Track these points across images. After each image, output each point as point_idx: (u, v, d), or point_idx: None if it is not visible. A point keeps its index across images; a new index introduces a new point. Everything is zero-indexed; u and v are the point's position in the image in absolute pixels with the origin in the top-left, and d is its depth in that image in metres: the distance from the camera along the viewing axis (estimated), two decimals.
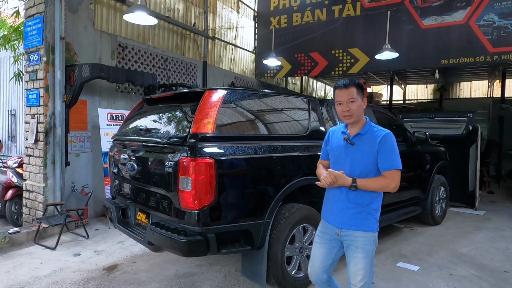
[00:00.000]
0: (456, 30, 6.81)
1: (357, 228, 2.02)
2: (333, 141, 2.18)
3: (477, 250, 4.28)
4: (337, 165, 2.10)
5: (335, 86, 2.09)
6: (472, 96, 14.35)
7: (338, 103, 2.06)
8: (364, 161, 2.02)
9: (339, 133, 2.16)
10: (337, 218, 2.09)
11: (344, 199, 2.05)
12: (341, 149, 2.11)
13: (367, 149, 2.02)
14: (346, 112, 2.03)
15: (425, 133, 4.80)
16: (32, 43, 4.97)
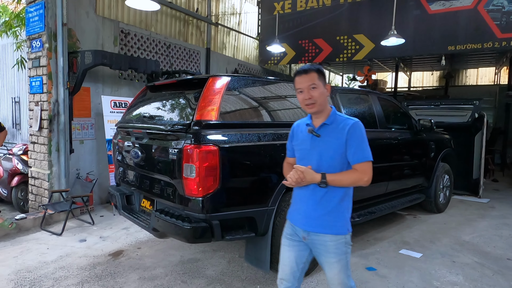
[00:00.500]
0: (464, 15, 6.67)
1: (325, 231, 1.81)
2: (298, 135, 1.96)
3: (480, 237, 4.29)
4: (304, 161, 1.87)
5: (294, 73, 1.88)
6: (479, 83, 14.17)
7: (299, 91, 1.84)
8: (332, 154, 1.82)
9: (303, 126, 1.93)
10: (304, 220, 1.86)
11: (311, 199, 1.84)
12: (306, 143, 1.89)
13: (334, 141, 1.82)
14: (308, 100, 1.81)
15: (430, 120, 4.76)
16: (34, 30, 4.94)
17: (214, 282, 3.05)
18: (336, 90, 3.73)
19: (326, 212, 1.82)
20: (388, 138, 4.17)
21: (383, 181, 4.10)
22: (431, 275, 3.26)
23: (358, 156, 1.80)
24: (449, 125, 6.26)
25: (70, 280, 3.06)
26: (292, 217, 1.96)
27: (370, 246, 3.95)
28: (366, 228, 4.49)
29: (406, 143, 4.48)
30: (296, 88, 1.86)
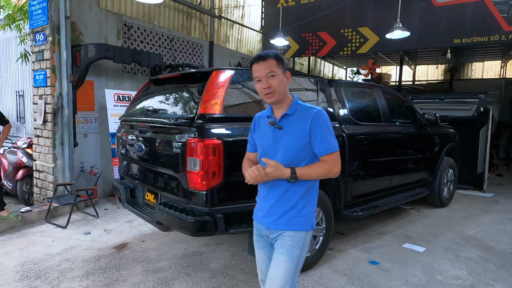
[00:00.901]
0: (470, 7, 6.57)
1: (286, 227, 1.69)
2: (259, 128, 1.81)
3: (484, 232, 4.28)
4: (267, 156, 1.70)
5: (252, 61, 1.72)
6: (484, 76, 14.03)
7: (257, 79, 1.68)
8: (296, 146, 1.67)
9: (265, 119, 1.78)
10: (266, 218, 1.74)
11: (274, 194, 1.71)
12: (268, 137, 1.73)
13: (298, 132, 1.67)
14: (267, 90, 1.65)
15: (435, 114, 4.72)
16: (38, 23, 4.93)
17: (218, 275, 3.07)
18: (340, 84, 3.70)
19: (289, 208, 1.69)
20: (392, 132, 4.15)
21: (386, 175, 4.09)
22: (435, 269, 3.26)
23: (324, 147, 1.66)
24: (454, 119, 6.21)
25: (75, 272, 3.09)
26: (255, 215, 1.84)
27: (374, 240, 3.95)
28: (370, 222, 4.49)
29: (410, 137, 4.45)
30: (254, 77, 1.69)
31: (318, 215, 3.17)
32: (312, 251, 3.16)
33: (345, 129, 3.44)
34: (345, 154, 3.39)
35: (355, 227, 4.32)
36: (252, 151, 1.90)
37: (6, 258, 3.36)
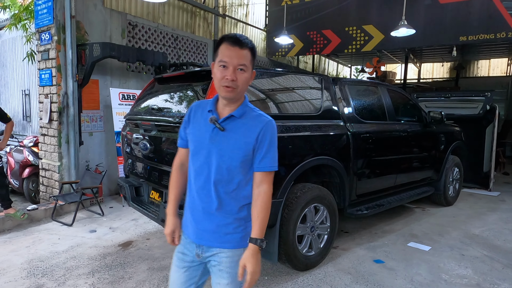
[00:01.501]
0: (476, 4, 6.51)
1: (222, 246, 1.45)
2: (195, 121, 1.49)
3: (490, 231, 4.25)
4: (197, 157, 1.46)
5: (223, 38, 1.40)
6: (490, 74, 13.90)
7: (222, 64, 1.37)
8: (235, 154, 1.42)
9: (205, 112, 1.47)
10: (199, 232, 1.47)
11: (209, 204, 1.44)
12: (205, 135, 1.44)
13: (241, 139, 1.42)
14: (230, 83, 1.37)
15: (440, 112, 4.69)
16: (43, 22, 4.96)
17: None
18: (344, 82, 3.69)
19: (226, 223, 1.45)
20: (397, 131, 4.13)
21: (391, 173, 4.07)
22: (440, 268, 3.24)
23: (269, 163, 1.45)
24: (459, 117, 6.17)
25: (81, 269, 3.12)
26: (185, 227, 1.54)
27: (378, 238, 3.94)
28: (374, 221, 4.48)
29: (415, 135, 4.42)
30: (219, 59, 1.38)
31: (323, 213, 3.17)
32: (316, 249, 3.15)
33: (350, 127, 3.43)
34: (350, 152, 3.38)
35: (359, 226, 4.31)
36: (184, 147, 1.57)
37: (13, 255, 3.40)
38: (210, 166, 1.43)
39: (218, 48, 1.40)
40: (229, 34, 1.42)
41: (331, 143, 3.23)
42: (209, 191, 1.44)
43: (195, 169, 1.47)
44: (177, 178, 1.59)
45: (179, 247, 1.56)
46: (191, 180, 1.50)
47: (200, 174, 1.45)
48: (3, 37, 7.51)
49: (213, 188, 1.43)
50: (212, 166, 1.42)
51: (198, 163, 1.45)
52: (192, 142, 1.49)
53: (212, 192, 1.43)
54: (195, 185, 1.47)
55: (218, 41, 1.42)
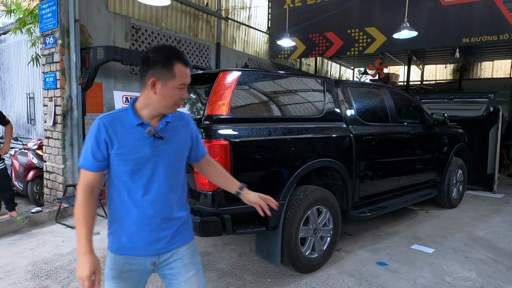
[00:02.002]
0: (479, 6, 6.51)
1: (182, 243, 1.51)
2: (122, 139, 1.38)
3: (494, 233, 4.22)
4: (141, 174, 1.40)
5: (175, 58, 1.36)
6: (494, 76, 13.84)
7: (182, 85, 1.38)
8: (180, 158, 1.49)
9: (128, 127, 1.39)
10: (155, 242, 1.45)
11: (167, 212, 1.45)
12: (144, 149, 1.39)
13: (182, 140, 1.49)
14: (182, 102, 1.43)
15: (443, 114, 4.68)
16: (48, 26, 5.01)
17: (225, 275, 3.08)
18: (347, 84, 3.70)
19: (181, 223, 1.51)
20: (400, 133, 4.12)
21: (394, 175, 4.07)
22: (444, 270, 3.23)
23: (203, 147, 1.64)
24: (463, 119, 6.15)
25: None
26: (132, 247, 1.45)
27: (382, 241, 3.93)
28: (378, 223, 4.47)
29: (418, 137, 4.42)
30: (180, 83, 1.38)
31: (326, 216, 3.17)
32: (319, 252, 3.15)
33: (352, 129, 3.43)
34: (353, 154, 3.38)
35: (362, 228, 4.30)
36: (101, 170, 1.42)
37: (17, 257, 3.42)
38: (159, 177, 1.43)
39: (171, 68, 1.35)
40: (179, 53, 1.39)
41: (333, 145, 3.23)
42: (165, 200, 1.45)
43: (142, 186, 1.41)
44: (89, 208, 1.41)
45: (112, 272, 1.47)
46: (133, 196, 1.41)
47: (149, 189, 1.42)
48: (8, 41, 7.58)
49: (168, 195, 1.45)
50: (161, 176, 1.43)
51: (144, 179, 1.41)
52: (127, 162, 1.39)
53: (168, 199, 1.46)
54: (145, 201, 1.41)
55: (167, 59, 1.35)
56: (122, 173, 1.41)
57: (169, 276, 1.52)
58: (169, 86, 1.36)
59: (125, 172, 1.40)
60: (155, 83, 1.36)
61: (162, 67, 1.34)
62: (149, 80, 1.36)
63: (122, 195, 1.43)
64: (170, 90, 1.37)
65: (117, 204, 1.45)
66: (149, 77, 1.36)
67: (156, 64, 1.35)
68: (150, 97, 1.38)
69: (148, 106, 1.41)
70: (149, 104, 1.40)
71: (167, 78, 1.35)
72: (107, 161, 1.40)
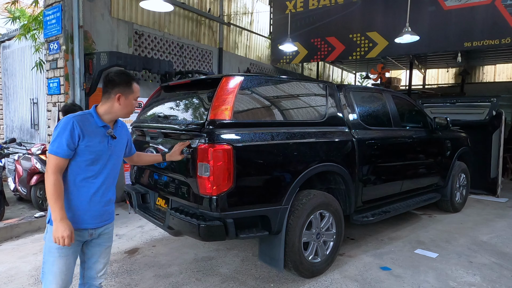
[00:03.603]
0: (481, 11, 6.53)
1: (110, 220, 2.04)
2: (90, 134, 1.84)
3: (498, 238, 4.20)
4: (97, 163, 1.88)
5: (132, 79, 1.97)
6: (496, 80, 13.83)
7: (136, 99, 1.99)
8: (122, 153, 2.11)
9: (94, 127, 1.87)
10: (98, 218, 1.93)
11: (108, 196, 1.97)
12: (104, 144, 1.90)
13: (124, 139, 2.10)
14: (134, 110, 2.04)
15: (446, 118, 4.68)
16: (52, 32, 5.06)
17: (228, 280, 3.07)
18: (349, 89, 3.71)
19: (109, 204, 2.02)
20: (402, 137, 4.12)
21: (397, 180, 4.06)
22: (448, 275, 3.21)
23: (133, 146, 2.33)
24: (465, 123, 6.14)
25: None
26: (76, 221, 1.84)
27: (385, 245, 3.91)
28: (381, 228, 4.45)
29: (421, 141, 4.41)
30: (136, 96, 1.98)
31: (329, 220, 3.16)
32: (322, 256, 3.14)
33: (355, 134, 3.43)
34: (355, 159, 3.38)
35: (366, 233, 4.29)
36: (69, 157, 1.82)
37: (21, 262, 3.43)
38: (109, 166, 1.95)
39: (131, 86, 1.95)
40: (134, 77, 2.02)
41: (336, 149, 3.24)
42: (109, 184, 1.97)
43: (95, 172, 1.89)
44: (61, 186, 1.80)
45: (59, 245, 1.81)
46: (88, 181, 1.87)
47: (99, 176, 1.91)
48: (12, 47, 7.65)
49: (111, 181, 2.00)
50: (110, 166, 1.96)
51: (97, 168, 1.89)
52: (91, 153, 1.86)
53: (111, 184, 2.00)
54: (93, 185, 1.89)
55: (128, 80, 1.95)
56: (82, 161, 1.85)
57: (94, 244, 2.00)
58: (129, 99, 1.96)
59: (85, 161, 1.86)
60: (120, 97, 1.92)
61: (125, 86, 1.93)
62: (115, 95, 1.91)
63: (76, 178, 1.85)
64: (130, 102, 1.97)
65: (71, 187, 1.85)
66: (115, 93, 1.91)
67: (120, 84, 1.92)
68: (114, 107, 1.93)
69: (111, 113, 1.94)
70: (112, 112, 1.93)
71: (128, 94, 1.94)
72: (74, 151, 1.82)
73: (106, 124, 1.92)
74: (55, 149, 1.78)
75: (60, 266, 1.85)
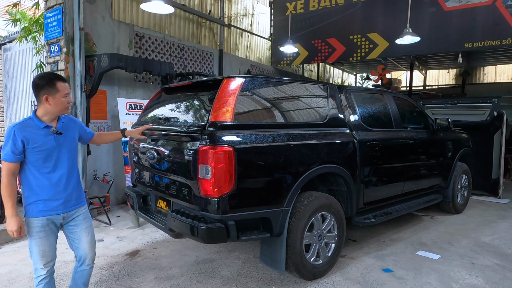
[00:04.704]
0: (481, 11, 6.53)
1: (81, 204, 2.34)
2: (32, 138, 2.08)
3: (500, 239, 4.18)
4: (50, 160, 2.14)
5: (59, 79, 2.15)
6: (497, 80, 13.82)
7: (66, 95, 2.16)
8: (74, 144, 2.33)
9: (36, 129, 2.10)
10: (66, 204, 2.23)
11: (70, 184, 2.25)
12: (50, 143, 2.13)
13: (74, 133, 2.33)
14: (69, 105, 2.24)
15: (447, 119, 4.67)
16: (52, 35, 5.06)
17: (230, 283, 3.06)
18: (350, 90, 3.70)
19: (79, 189, 2.34)
20: (403, 138, 4.11)
21: (399, 181, 4.05)
22: (450, 277, 3.20)
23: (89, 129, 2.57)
24: (467, 124, 6.13)
25: None
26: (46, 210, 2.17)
27: (386, 247, 3.90)
28: (382, 229, 4.44)
29: (422, 142, 4.40)
30: (65, 93, 2.15)
31: (330, 222, 3.15)
32: (324, 258, 3.13)
33: (356, 135, 3.42)
34: (357, 160, 3.37)
35: (367, 234, 4.27)
36: (18, 161, 2.10)
37: (21, 265, 3.42)
38: (63, 159, 2.20)
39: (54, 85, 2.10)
40: (57, 75, 2.18)
41: (337, 151, 3.23)
42: (69, 176, 2.24)
43: (51, 167, 2.16)
44: (13, 187, 2.10)
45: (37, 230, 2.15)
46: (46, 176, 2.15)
47: (57, 169, 2.18)
48: (13, 50, 7.67)
49: (69, 171, 2.24)
50: (64, 159, 2.21)
51: (52, 162, 2.16)
52: (40, 152, 2.11)
53: (69, 174, 2.24)
54: (54, 178, 2.17)
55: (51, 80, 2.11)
56: (35, 160, 2.12)
57: (72, 226, 2.32)
58: (57, 98, 2.12)
59: (39, 160, 2.12)
60: (48, 98, 2.09)
61: (49, 87, 2.09)
62: (43, 97, 2.09)
63: (37, 175, 2.14)
64: (59, 100, 2.13)
65: (32, 183, 2.14)
66: (41, 95, 2.09)
67: (44, 86, 2.09)
68: (47, 108, 2.12)
69: (47, 114, 2.15)
70: (47, 113, 2.14)
71: (54, 93, 2.10)
72: (22, 154, 2.09)
73: (47, 124, 2.14)
74: (4, 156, 2.08)
75: (41, 246, 2.18)
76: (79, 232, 2.32)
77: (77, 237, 2.33)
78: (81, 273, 2.42)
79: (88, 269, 2.42)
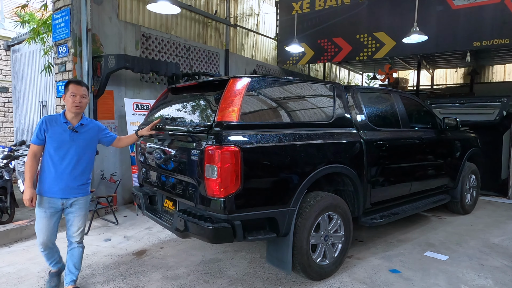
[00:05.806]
0: (490, 9, 6.44)
1: (81, 194, 2.75)
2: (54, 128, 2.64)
3: (510, 240, 4.13)
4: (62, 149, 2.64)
5: (73, 81, 2.72)
6: (506, 79, 13.65)
7: (72, 94, 2.63)
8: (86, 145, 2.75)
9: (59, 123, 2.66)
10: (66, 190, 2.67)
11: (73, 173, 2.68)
12: (66, 135, 2.65)
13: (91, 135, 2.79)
14: (78, 104, 2.66)
15: (455, 119, 4.62)
16: (60, 36, 5.11)
17: (236, 282, 3.06)
18: (357, 90, 3.68)
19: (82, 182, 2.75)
20: (411, 138, 4.08)
21: (406, 181, 4.01)
22: (459, 278, 3.16)
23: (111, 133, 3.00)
24: (475, 124, 6.06)
25: (96, 278, 3.15)
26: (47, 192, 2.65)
27: (394, 248, 3.87)
28: (389, 230, 4.41)
29: (430, 142, 4.36)
30: (71, 92, 2.63)
31: (337, 222, 3.14)
32: (331, 258, 3.12)
33: (363, 135, 3.40)
34: (363, 160, 3.35)
35: (374, 235, 4.25)
36: (40, 144, 2.66)
37: (30, 263, 3.46)
38: (71, 153, 2.67)
39: (68, 87, 2.67)
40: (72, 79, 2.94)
41: (344, 151, 3.21)
42: (74, 168, 2.68)
43: (61, 156, 2.64)
44: (32, 165, 2.65)
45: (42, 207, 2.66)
46: (54, 162, 2.64)
47: (65, 158, 2.65)
48: (22, 51, 7.76)
49: (76, 164, 2.69)
50: (73, 153, 2.67)
51: (62, 152, 2.65)
52: (54, 141, 2.64)
53: (76, 166, 2.69)
54: (62, 164, 2.65)
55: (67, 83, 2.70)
56: (50, 147, 2.65)
57: (69, 213, 2.76)
58: (66, 97, 2.67)
59: (52, 147, 2.64)
60: (64, 97, 2.70)
61: (65, 88, 2.69)
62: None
63: (49, 162, 2.65)
64: (67, 99, 2.67)
65: (45, 167, 2.66)
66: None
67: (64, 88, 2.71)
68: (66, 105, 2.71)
69: (67, 111, 2.72)
70: (67, 110, 2.71)
71: (66, 92, 2.67)
72: (44, 140, 2.65)
73: (66, 120, 2.68)
74: (32, 139, 2.66)
75: (39, 224, 2.69)
76: (72, 218, 2.76)
77: (70, 221, 2.77)
78: (71, 253, 2.80)
79: (76, 247, 2.81)
